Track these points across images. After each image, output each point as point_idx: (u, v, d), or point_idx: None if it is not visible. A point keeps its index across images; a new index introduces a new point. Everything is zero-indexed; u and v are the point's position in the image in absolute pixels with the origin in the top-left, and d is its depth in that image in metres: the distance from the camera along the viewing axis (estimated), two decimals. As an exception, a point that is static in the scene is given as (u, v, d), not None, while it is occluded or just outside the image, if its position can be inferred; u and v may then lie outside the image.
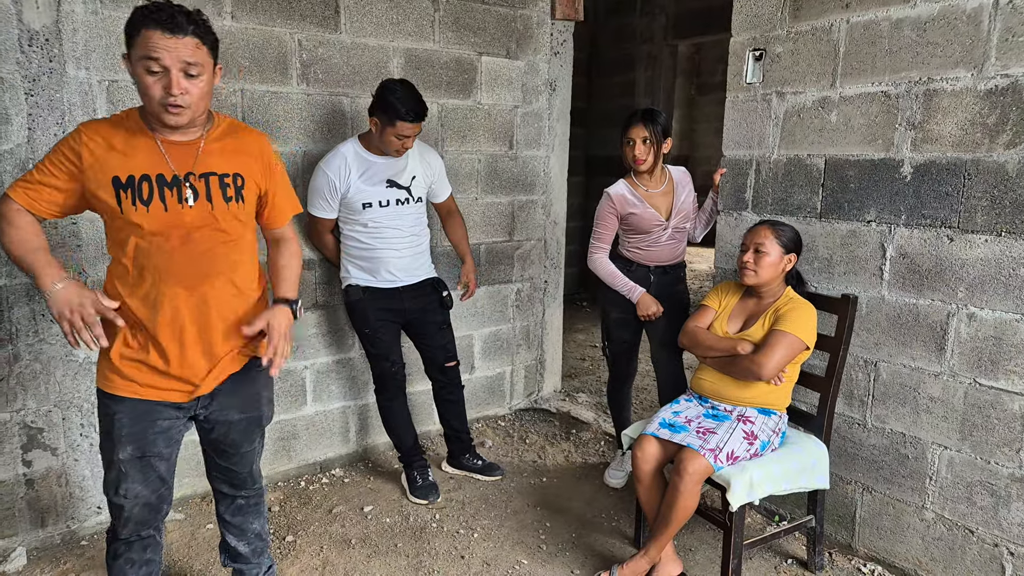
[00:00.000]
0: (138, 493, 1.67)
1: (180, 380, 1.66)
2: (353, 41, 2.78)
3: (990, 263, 1.98)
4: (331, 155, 2.53)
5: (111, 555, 1.75)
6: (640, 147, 2.61)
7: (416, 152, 2.65)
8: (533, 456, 3.21)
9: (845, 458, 2.38)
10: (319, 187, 2.53)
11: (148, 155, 1.56)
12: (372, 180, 2.54)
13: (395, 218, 2.58)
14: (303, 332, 2.83)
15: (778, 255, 2.16)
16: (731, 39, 2.59)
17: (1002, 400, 2.00)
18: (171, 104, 1.48)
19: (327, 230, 2.67)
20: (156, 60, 1.45)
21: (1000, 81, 1.93)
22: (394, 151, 2.50)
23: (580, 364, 4.62)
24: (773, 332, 2.10)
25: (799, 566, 2.36)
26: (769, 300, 2.22)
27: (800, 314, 2.12)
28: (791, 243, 2.19)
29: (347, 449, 3.07)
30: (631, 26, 6.18)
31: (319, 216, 2.59)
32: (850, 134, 2.27)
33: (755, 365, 2.08)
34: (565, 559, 2.39)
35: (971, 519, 2.09)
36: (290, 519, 2.61)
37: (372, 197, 2.54)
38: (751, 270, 2.18)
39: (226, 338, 1.69)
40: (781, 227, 2.20)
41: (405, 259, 2.63)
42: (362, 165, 2.53)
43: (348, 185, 2.51)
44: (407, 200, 2.61)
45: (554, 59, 3.51)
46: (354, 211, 2.55)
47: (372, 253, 2.59)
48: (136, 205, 1.54)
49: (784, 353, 2.07)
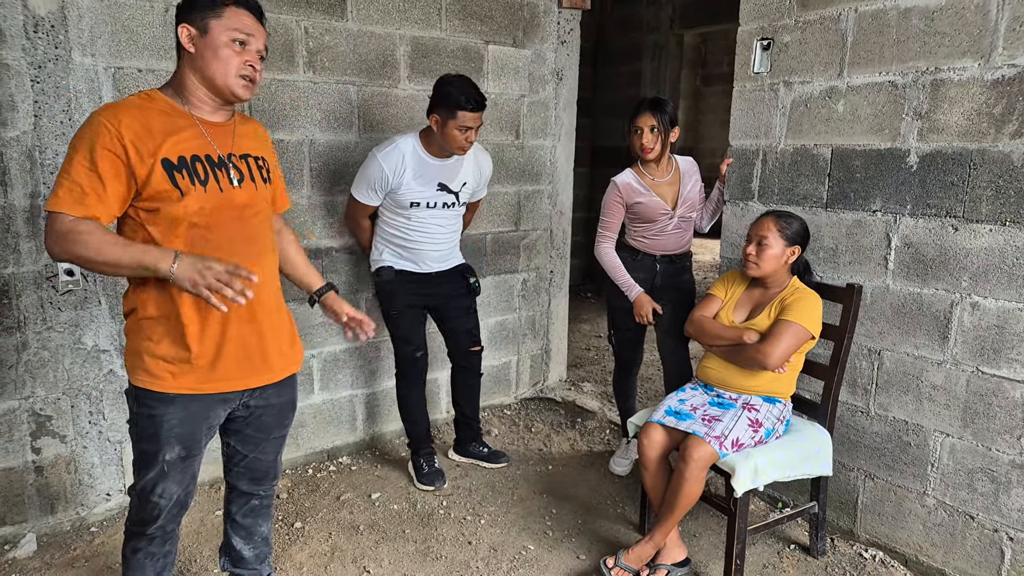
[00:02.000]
0: (173, 493, 1.63)
1: (239, 368, 1.60)
2: (360, 29, 2.79)
3: (994, 253, 2.00)
4: (389, 148, 2.48)
5: (131, 549, 1.71)
6: (648, 136, 2.62)
7: (472, 157, 2.65)
8: (539, 444, 3.25)
9: (848, 445, 2.41)
10: (370, 176, 2.51)
11: (193, 135, 1.53)
12: (424, 181, 2.53)
13: (438, 218, 2.62)
14: (310, 321, 2.86)
15: (781, 248, 2.18)
16: (739, 28, 2.60)
17: (1004, 388, 2.02)
18: (249, 76, 1.53)
19: (366, 215, 2.68)
20: (249, 38, 1.52)
21: (1007, 71, 1.93)
22: (458, 148, 2.48)
23: (585, 354, 4.65)
24: (779, 322, 2.12)
25: (801, 551, 2.39)
26: (775, 290, 2.24)
27: (806, 304, 2.14)
28: (796, 236, 2.20)
29: (354, 437, 3.11)
30: (637, 16, 6.16)
31: (361, 202, 2.59)
32: (857, 124, 2.28)
33: (761, 355, 2.11)
34: (571, 544, 2.42)
35: (972, 505, 2.12)
36: (298, 506, 2.64)
37: (421, 197, 2.55)
38: (753, 262, 2.20)
39: (278, 318, 1.70)
40: (786, 219, 2.21)
41: (441, 251, 2.69)
42: (418, 165, 2.52)
43: (400, 182, 2.50)
44: (453, 204, 2.64)
45: (561, 48, 3.52)
46: (401, 206, 2.56)
47: (411, 244, 2.63)
48: (195, 185, 1.50)
49: (790, 342, 2.09)
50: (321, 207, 2.82)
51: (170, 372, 1.55)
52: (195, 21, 1.50)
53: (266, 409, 1.74)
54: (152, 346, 1.55)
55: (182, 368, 1.55)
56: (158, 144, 1.47)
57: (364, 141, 2.87)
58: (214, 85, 1.53)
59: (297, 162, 2.73)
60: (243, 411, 1.72)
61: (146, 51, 2.35)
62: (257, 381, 1.66)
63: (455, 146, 2.48)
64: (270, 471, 1.86)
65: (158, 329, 1.54)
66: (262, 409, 1.74)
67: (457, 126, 2.42)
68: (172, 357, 1.55)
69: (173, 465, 1.60)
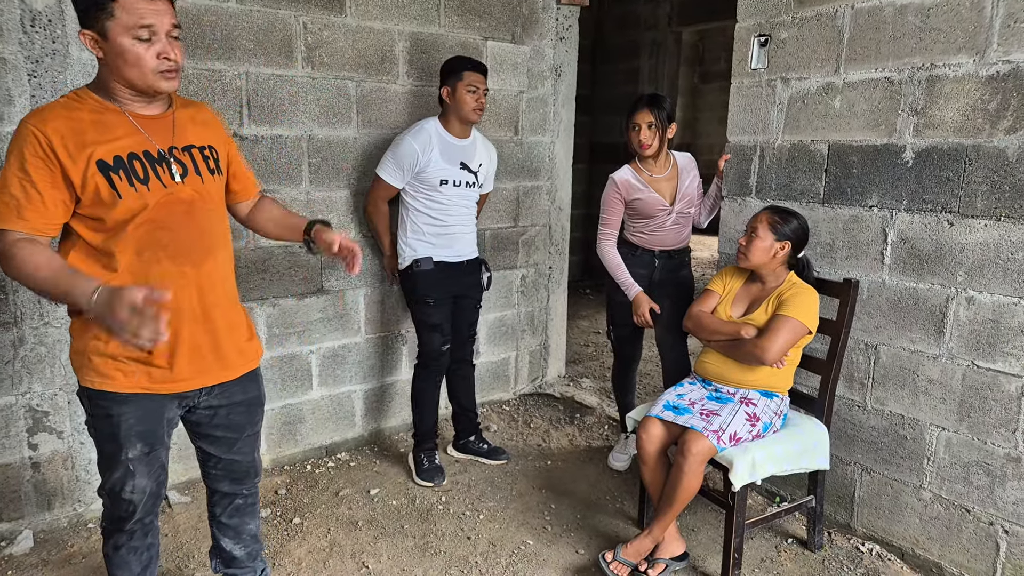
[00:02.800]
0: (145, 487, 1.59)
1: (193, 368, 1.56)
2: (358, 24, 2.80)
3: (989, 247, 2.01)
4: (416, 129, 2.64)
5: (111, 547, 1.67)
6: (645, 132, 2.64)
7: (482, 143, 2.83)
8: (538, 440, 3.26)
9: (845, 439, 2.42)
10: (402, 155, 2.62)
11: (127, 132, 1.45)
12: (450, 159, 2.68)
13: (463, 198, 2.75)
14: (308, 317, 2.87)
15: (770, 241, 2.19)
16: (737, 24, 2.61)
17: (999, 382, 2.03)
18: (167, 70, 1.43)
19: (387, 198, 2.76)
20: (148, 27, 1.38)
21: (1002, 67, 1.94)
22: (471, 111, 2.62)
23: (584, 350, 4.66)
24: (776, 317, 2.14)
25: (799, 545, 2.40)
26: (772, 285, 2.25)
27: (803, 299, 2.15)
28: (791, 233, 2.20)
29: (353, 433, 3.12)
30: (635, 13, 6.16)
31: (386, 181, 2.68)
32: (853, 120, 2.29)
33: (759, 349, 2.12)
34: (570, 539, 2.44)
35: (967, 498, 2.13)
36: (297, 502, 2.65)
37: (449, 175, 2.67)
38: (742, 252, 2.24)
39: (233, 314, 1.64)
40: (782, 215, 2.22)
41: (468, 235, 2.82)
42: (443, 143, 2.67)
43: (429, 160, 2.62)
44: (473, 183, 2.77)
45: (559, 44, 3.52)
46: (431, 187, 2.66)
47: (446, 229, 2.72)
48: (135, 185, 1.43)
49: (787, 337, 2.11)
50: (320, 203, 2.83)
51: (120, 371, 1.50)
52: (92, 25, 1.38)
53: (232, 407, 1.69)
54: (100, 345, 1.48)
55: (134, 367, 1.50)
56: (90, 145, 1.40)
57: (363, 137, 2.88)
58: (135, 87, 1.44)
59: (295, 157, 2.74)
60: (207, 412, 1.67)
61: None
62: (213, 379, 1.61)
63: (468, 109, 2.62)
64: (250, 470, 1.81)
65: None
66: (228, 408, 1.68)
67: (466, 87, 2.58)
68: (122, 355, 1.49)
69: (138, 461, 1.56)
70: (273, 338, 2.79)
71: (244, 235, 2.65)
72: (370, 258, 2.99)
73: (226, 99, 2.53)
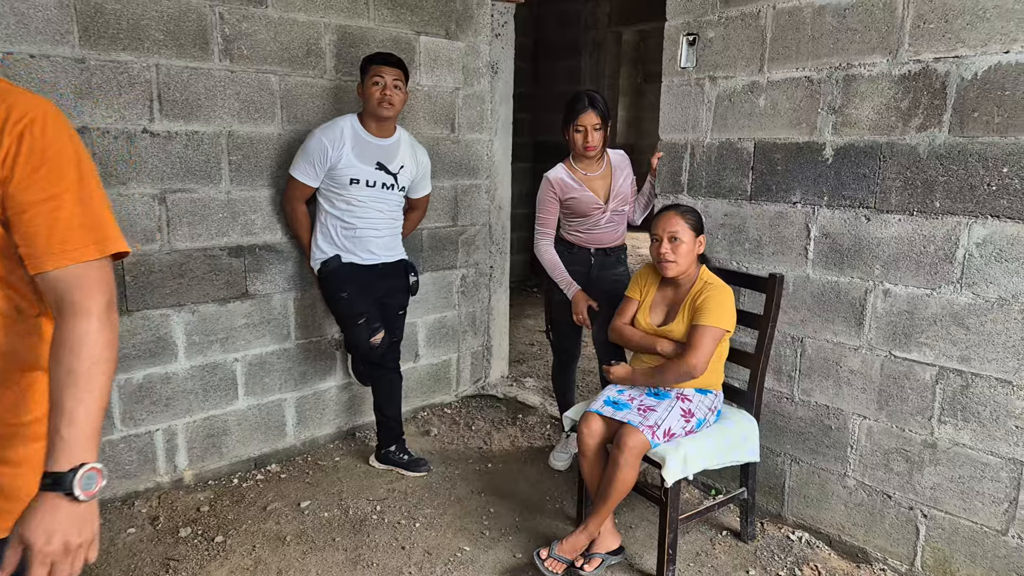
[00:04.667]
0: None
1: None
2: (281, 16, 2.70)
3: (903, 241, 2.08)
4: (329, 124, 2.60)
5: None
6: (593, 134, 2.62)
7: (408, 145, 2.76)
8: (479, 442, 3.22)
9: (774, 431, 2.47)
10: (311, 150, 2.56)
11: None
12: (363, 157, 2.61)
13: (379, 200, 2.67)
14: (232, 323, 2.76)
15: (691, 239, 2.18)
16: (666, 23, 2.63)
17: (915, 371, 2.10)
18: None
19: (303, 198, 2.68)
20: None
21: (913, 67, 2.01)
22: (378, 104, 2.55)
23: (528, 349, 4.65)
24: (695, 329, 2.13)
25: (733, 537, 2.44)
26: (687, 286, 2.23)
27: (716, 301, 2.13)
28: (700, 224, 2.22)
29: (284, 444, 3.01)
30: (575, 11, 6.19)
31: (300, 180, 2.60)
32: (777, 118, 2.34)
33: (688, 367, 2.12)
34: (508, 543, 2.41)
35: (888, 484, 2.20)
36: (220, 519, 2.53)
37: (361, 174, 2.60)
38: (671, 261, 2.17)
39: None
40: (687, 210, 2.22)
41: (384, 238, 2.73)
42: (357, 141, 2.60)
43: (340, 156, 2.56)
44: (392, 186, 2.69)
45: (495, 41, 3.50)
46: (341, 185, 2.59)
47: (355, 232, 2.65)
48: None
49: (710, 347, 2.12)
50: (242, 202, 2.72)
51: None
52: None
53: None
54: None
55: None
56: None
57: (289, 133, 2.78)
58: None
59: (214, 155, 2.62)
60: None
61: (39, 35, 2.21)
62: None
63: (375, 102, 2.56)
64: None
65: None
66: None
67: (371, 79, 2.54)
68: None
69: None
70: (193, 346, 2.67)
71: (157, 237, 2.52)
72: (299, 260, 2.89)
73: (133, 92, 2.40)
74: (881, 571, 2.22)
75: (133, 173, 2.45)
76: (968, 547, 2.05)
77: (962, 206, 1.96)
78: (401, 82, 2.60)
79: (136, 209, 2.48)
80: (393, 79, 2.56)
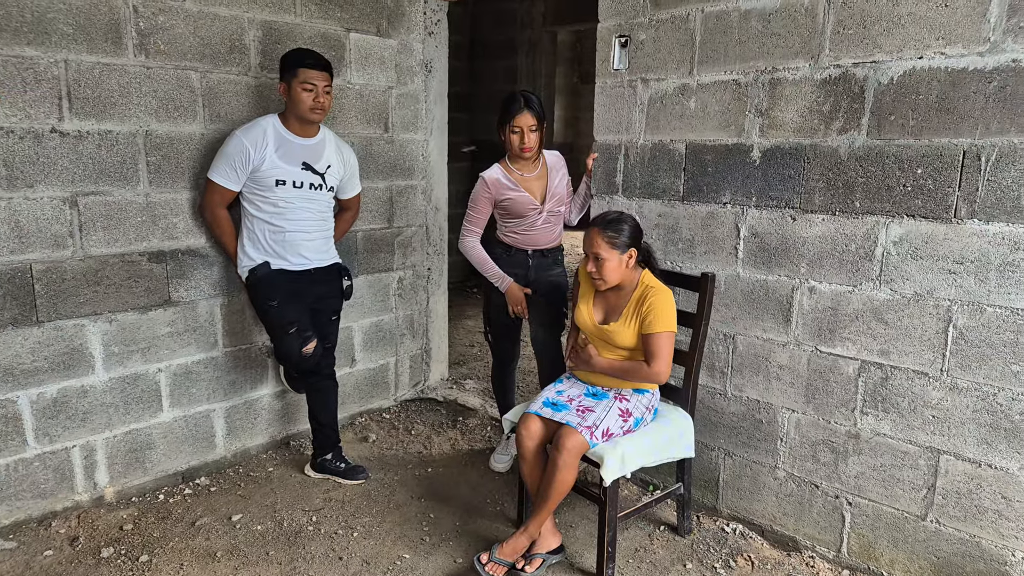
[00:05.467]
0: None
1: None
2: (201, 10, 2.57)
3: (827, 240, 2.16)
4: (249, 125, 2.50)
5: None
6: (529, 135, 2.61)
7: (334, 144, 2.68)
8: (419, 447, 3.17)
9: (709, 426, 2.53)
10: (231, 153, 2.46)
11: None
12: (288, 158, 2.51)
13: (307, 201, 2.58)
14: (154, 332, 2.62)
15: (616, 258, 2.15)
16: (598, 25, 2.64)
17: (839, 365, 2.19)
18: None
19: (224, 203, 2.55)
20: None
21: (833, 71, 2.08)
22: (308, 110, 2.47)
23: (469, 351, 4.62)
24: (652, 338, 2.13)
25: (671, 531, 2.48)
26: (628, 290, 2.23)
27: (662, 307, 2.14)
28: (629, 240, 2.15)
29: (214, 456, 2.88)
30: (511, 11, 6.19)
31: (220, 184, 2.48)
32: (707, 120, 2.38)
33: (654, 374, 2.14)
34: (448, 548, 2.38)
35: (816, 475, 2.28)
36: (145, 537, 2.40)
37: (287, 175, 2.51)
38: (598, 279, 2.18)
39: None
40: (614, 228, 2.14)
41: (316, 241, 2.64)
42: (280, 141, 2.51)
43: (263, 158, 2.46)
44: (320, 186, 2.60)
45: (429, 39, 3.44)
46: (266, 188, 2.50)
47: (283, 236, 2.55)
48: None
49: (668, 350, 2.15)
50: (162, 205, 2.58)
51: None
52: None
53: None
54: None
55: None
56: None
57: (212, 133, 2.66)
58: None
59: (130, 155, 2.48)
60: None
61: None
62: None
63: (304, 108, 2.47)
64: None
65: None
66: None
67: (301, 85, 2.44)
68: None
69: None
70: (111, 357, 2.52)
71: (69, 243, 2.37)
72: (225, 264, 2.77)
73: (40, 90, 2.24)
74: (810, 559, 2.30)
75: (41, 175, 2.29)
76: (890, 532, 2.14)
77: (880, 206, 2.04)
78: (330, 85, 2.53)
79: (45, 213, 2.31)
80: (324, 85, 2.49)
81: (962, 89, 1.86)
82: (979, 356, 1.92)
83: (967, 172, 1.88)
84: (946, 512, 2.03)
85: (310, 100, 2.46)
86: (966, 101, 1.86)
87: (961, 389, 1.96)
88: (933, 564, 2.07)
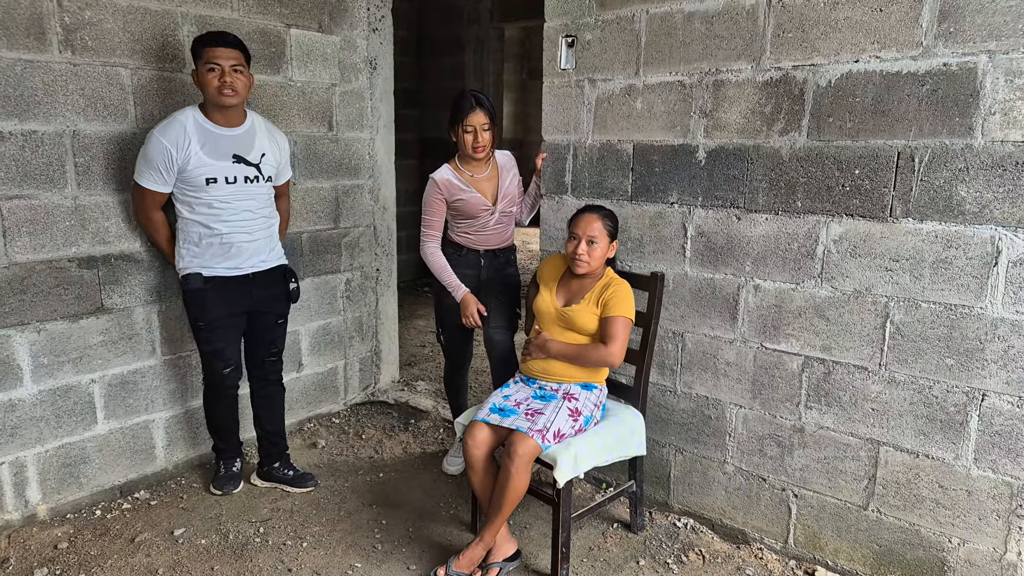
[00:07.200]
0: None
1: None
2: (130, 4, 2.45)
3: (770, 239, 2.20)
4: (167, 122, 2.31)
5: None
6: (482, 134, 2.58)
7: (264, 130, 2.52)
8: (370, 452, 3.11)
9: (660, 423, 2.56)
10: (152, 156, 2.29)
11: None
12: (216, 153, 2.34)
13: (245, 198, 2.42)
14: (86, 341, 2.49)
15: (606, 244, 2.23)
16: (545, 24, 2.63)
17: (784, 361, 2.24)
18: None
19: (157, 206, 2.40)
20: None
21: (774, 73, 2.12)
22: (216, 93, 2.28)
23: (420, 351, 4.56)
24: (610, 320, 2.17)
25: (624, 528, 2.50)
26: (593, 280, 2.28)
27: (624, 296, 2.21)
28: (616, 230, 2.28)
29: (154, 468, 2.77)
30: (458, 7, 6.13)
31: (148, 188, 2.34)
32: (653, 121, 2.40)
33: (609, 355, 2.16)
34: (401, 556, 2.34)
35: (763, 468, 2.34)
36: (82, 555, 2.29)
37: (218, 172, 2.34)
38: (584, 261, 2.21)
39: None
40: (608, 214, 2.26)
41: (258, 242, 2.49)
42: (204, 135, 2.33)
43: (188, 156, 2.29)
44: (256, 178, 2.44)
45: (373, 36, 3.37)
46: (197, 188, 2.33)
47: (220, 239, 2.40)
48: None
49: (625, 335, 2.18)
50: (93, 208, 2.45)
51: None
52: None
53: None
54: None
55: None
56: None
57: (145, 132, 2.52)
58: None
59: (57, 156, 2.35)
60: None
61: None
62: None
63: (212, 91, 2.29)
64: None
65: None
66: None
67: (205, 66, 2.27)
68: None
69: None
70: (40, 369, 2.39)
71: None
72: (162, 268, 2.65)
73: (-46, 87, 2.10)
74: (759, 550, 2.36)
75: (-46, 177, 2.14)
76: (834, 522, 2.21)
77: (821, 205, 2.10)
78: (242, 65, 2.32)
79: (-41, 218, 2.17)
80: (231, 64, 2.27)
81: (896, 92, 1.92)
82: (915, 350, 1.99)
83: (902, 172, 1.95)
84: (886, 502, 2.10)
85: (216, 81, 2.26)
86: (900, 104, 1.92)
87: (898, 382, 2.03)
88: (875, 552, 2.14)
